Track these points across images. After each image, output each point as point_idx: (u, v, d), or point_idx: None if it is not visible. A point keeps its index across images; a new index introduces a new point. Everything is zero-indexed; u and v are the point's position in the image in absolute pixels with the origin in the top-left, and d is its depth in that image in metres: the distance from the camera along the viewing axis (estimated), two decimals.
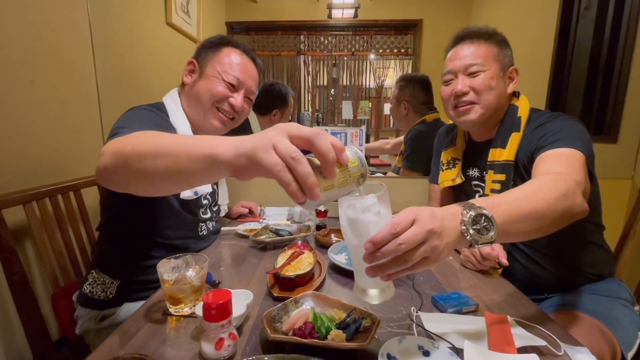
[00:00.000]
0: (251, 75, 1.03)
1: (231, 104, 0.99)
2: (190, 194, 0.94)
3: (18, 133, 1.03)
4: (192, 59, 1.01)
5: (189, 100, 1.00)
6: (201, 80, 0.98)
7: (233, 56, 0.99)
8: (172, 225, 0.95)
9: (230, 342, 0.56)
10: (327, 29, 3.19)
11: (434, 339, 0.60)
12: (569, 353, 0.57)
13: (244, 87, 1.01)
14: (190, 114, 0.99)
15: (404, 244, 0.45)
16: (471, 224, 0.51)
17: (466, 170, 1.08)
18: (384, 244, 0.46)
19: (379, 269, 0.48)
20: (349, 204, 0.52)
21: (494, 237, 0.52)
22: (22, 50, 1.04)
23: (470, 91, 0.94)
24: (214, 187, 1.13)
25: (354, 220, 0.51)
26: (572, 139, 0.81)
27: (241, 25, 3.17)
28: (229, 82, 0.97)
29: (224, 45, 1.00)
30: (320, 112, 3.46)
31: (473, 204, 0.53)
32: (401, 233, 0.45)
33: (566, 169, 0.73)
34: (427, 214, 0.48)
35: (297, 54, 3.24)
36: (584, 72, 1.71)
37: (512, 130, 0.93)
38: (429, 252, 0.47)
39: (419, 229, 0.46)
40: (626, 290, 0.92)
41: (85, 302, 0.92)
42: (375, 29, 3.17)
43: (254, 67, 1.05)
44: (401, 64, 3.30)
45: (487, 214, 0.52)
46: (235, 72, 0.98)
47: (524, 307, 0.73)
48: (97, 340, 0.91)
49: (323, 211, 1.24)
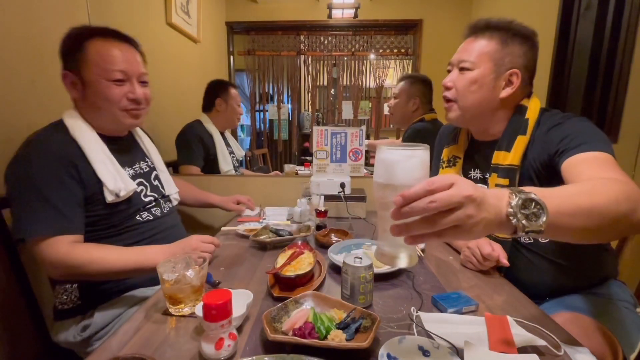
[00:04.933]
0: (133, 59, 0.94)
1: (131, 99, 0.94)
2: (112, 197, 0.90)
3: (18, 133, 1.03)
4: (64, 70, 0.91)
5: (88, 111, 0.94)
6: (87, 89, 0.91)
7: (103, 49, 0.90)
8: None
9: (230, 342, 0.56)
10: (327, 29, 3.19)
11: (434, 339, 0.60)
12: (569, 353, 0.57)
13: (133, 74, 0.94)
14: (96, 124, 0.95)
15: (436, 202, 0.42)
16: (520, 208, 0.46)
17: (467, 171, 1.05)
18: (415, 200, 0.43)
19: (404, 228, 0.45)
20: (390, 149, 0.49)
21: (544, 226, 0.47)
22: (22, 50, 1.04)
23: (453, 88, 0.93)
24: (153, 182, 1.08)
25: (390, 164, 0.48)
26: (598, 141, 0.76)
27: (241, 25, 3.16)
28: (116, 79, 0.90)
29: (84, 41, 0.89)
30: (320, 112, 3.46)
31: (522, 189, 0.49)
32: (436, 192, 0.42)
33: (617, 174, 0.66)
34: (469, 182, 0.45)
35: (297, 54, 3.24)
36: (584, 72, 1.71)
37: (518, 132, 0.88)
38: (462, 220, 0.43)
39: (456, 191, 0.42)
40: (628, 293, 0.91)
41: (59, 315, 0.94)
42: (375, 29, 3.17)
43: (129, 46, 0.95)
44: (401, 64, 3.30)
45: (538, 200, 0.47)
46: (115, 65, 0.90)
47: (524, 307, 0.73)
48: (86, 349, 0.91)
49: (323, 211, 1.24)
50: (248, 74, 3.28)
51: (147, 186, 1.05)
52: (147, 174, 1.08)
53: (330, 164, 1.59)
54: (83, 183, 0.88)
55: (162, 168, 1.16)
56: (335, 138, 1.57)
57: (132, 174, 1.01)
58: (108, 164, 0.92)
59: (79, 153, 0.89)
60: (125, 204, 0.95)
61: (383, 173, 0.49)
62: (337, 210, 1.40)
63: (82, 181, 0.88)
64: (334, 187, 1.40)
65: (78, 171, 0.87)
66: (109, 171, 0.91)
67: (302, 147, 3.42)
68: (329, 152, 1.58)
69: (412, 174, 0.47)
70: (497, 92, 0.90)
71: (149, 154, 1.13)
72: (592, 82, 1.69)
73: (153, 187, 1.07)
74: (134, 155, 1.08)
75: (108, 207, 0.92)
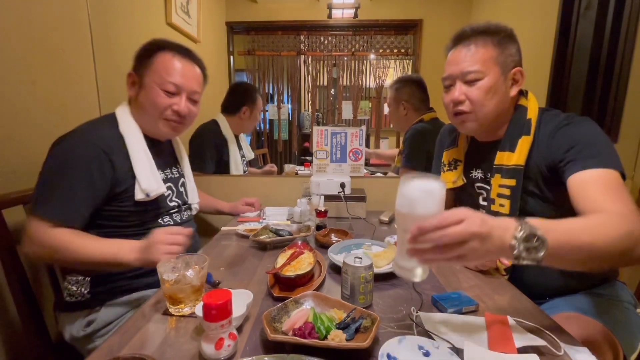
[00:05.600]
0: (191, 76, 1.01)
1: (175, 111, 0.98)
2: (142, 196, 0.93)
3: (18, 133, 1.03)
4: (131, 71, 1.00)
5: (137, 111, 1.00)
6: (142, 91, 0.98)
7: (168, 62, 0.97)
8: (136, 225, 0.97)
9: (230, 342, 0.56)
10: (327, 29, 3.19)
11: (434, 339, 0.60)
12: (569, 353, 0.57)
13: (185, 90, 0.99)
14: (140, 123, 1.00)
15: (446, 237, 0.50)
16: (523, 241, 0.53)
17: (468, 172, 1.04)
18: (429, 232, 0.51)
19: (419, 252, 0.53)
20: (413, 184, 0.57)
21: (542, 259, 0.53)
22: (22, 50, 1.04)
23: (467, 100, 0.90)
24: (180, 189, 1.12)
25: (412, 199, 0.56)
26: (606, 154, 0.76)
27: (241, 25, 3.17)
28: (167, 90, 0.96)
29: (157, 51, 0.98)
30: (320, 112, 3.46)
31: (528, 222, 0.55)
32: (447, 227, 0.50)
33: (621, 206, 0.68)
34: (478, 218, 0.52)
35: (297, 54, 3.24)
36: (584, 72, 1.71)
37: (522, 133, 0.88)
38: (467, 252, 0.51)
39: (464, 229, 0.50)
40: (629, 294, 0.91)
41: (65, 307, 0.94)
42: (375, 29, 3.17)
43: (193, 66, 1.02)
44: (401, 64, 3.30)
45: (540, 235, 0.53)
46: (172, 78, 0.96)
47: (524, 307, 0.73)
48: (87, 346, 0.92)
49: (323, 211, 1.24)
50: (248, 74, 3.28)
51: (174, 191, 1.09)
52: (176, 180, 1.12)
53: (330, 164, 1.59)
54: (114, 180, 0.90)
55: (190, 177, 1.20)
56: (335, 138, 1.57)
57: (164, 177, 1.04)
58: (145, 163, 0.96)
59: (120, 149, 0.93)
60: (152, 204, 0.98)
61: (405, 205, 0.57)
62: (337, 210, 1.40)
63: (114, 178, 0.90)
64: (334, 187, 1.40)
65: (113, 167, 0.90)
66: (145, 170, 0.94)
67: (302, 147, 3.42)
68: (329, 152, 1.58)
69: (430, 209, 0.55)
70: (508, 92, 0.90)
71: (181, 161, 1.19)
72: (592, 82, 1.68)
73: (178, 194, 1.11)
74: (168, 160, 1.12)
75: (135, 205, 0.94)
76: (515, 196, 0.88)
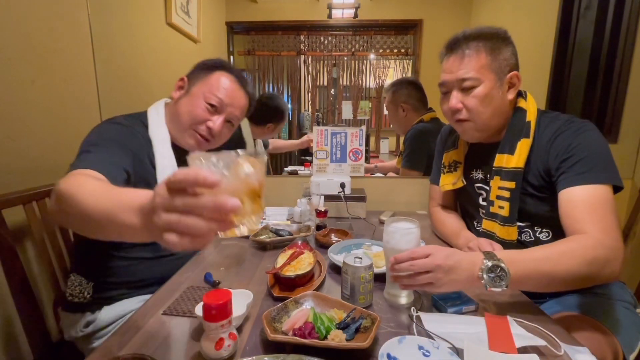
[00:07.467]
0: (237, 102, 1.01)
1: (208, 127, 0.98)
2: None
3: (18, 133, 1.03)
4: (185, 76, 1.02)
5: (171, 115, 1.00)
6: (185, 97, 0.98)
7: (222, 80, 0.99)
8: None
9: (230, 342, 0.56)
10: (327, 29, 3.18)
11: (434, 339, 0.60)
12: (569, 353, 0.57)
13: (226, 111, 0.99)
14: (171, 128, 0.99)
15: (414, 266, 0.64)
16: (487, 272, 0.65)
17: (469, 173, 1.04)
18: (402, 262, 0.66)
19: (397, 279, 0.68)
20: (394, 227, 0.74)
21: (505, 287, 0.64)
22: (22, 50, 1.03)
23: (464, 109, 0.90)
24: None
25: (393, 235, 0.73)
26: (599, 168, 0.78)
27: (241, 25, 3.16)
28: (211, 103, 0.96)
29: (218, 69, 1.00)
30: (320, 112, 3.46)
31: (494, 255, 0.66)
32: (416, 259, 0.65)
33: (599, 229, 0.72)
34: (444, 253, 0.65)
35: (297, 54, 3.24)
36: (584, 72, 1.71)
37: (521, 136, 0.88)
38: (433, 280, 0.64)
39: (429, 261, 0.64)
40: (628, 293, 0.91)
41: (67, 306, 0.93)
42: (375, 29, 3.17)
43: (244, 94, 1.03)
44: (401, 64, 3.30)
45: (503, 267, 0.65)
46: (219, 94, 0.97)
47: (524, 307, 0.73)
48: (86, 346, 0.92)
49: (323, 211, 1.24)
50: (248, 74, 3.28)
51: None
52: None
53: (330, 164, 1.59)
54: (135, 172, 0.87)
55: None
56: (335, 138, 1.57)
57: None
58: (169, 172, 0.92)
59: (146, 154, 0.93)
60: None
61: (389, 240, 0.74)
62: (337, 210, 1.40)
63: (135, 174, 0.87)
64: (334, 187, 1.40)
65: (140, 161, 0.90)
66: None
67: None
68: (329, 152, 1.58)
69: (407, 244, 0.71)
70: (505, 97, 0.90)
71: None
72: (592, 82, 1.69)
73: None
74: None
75: None
76: (514, 198, 0.88)
